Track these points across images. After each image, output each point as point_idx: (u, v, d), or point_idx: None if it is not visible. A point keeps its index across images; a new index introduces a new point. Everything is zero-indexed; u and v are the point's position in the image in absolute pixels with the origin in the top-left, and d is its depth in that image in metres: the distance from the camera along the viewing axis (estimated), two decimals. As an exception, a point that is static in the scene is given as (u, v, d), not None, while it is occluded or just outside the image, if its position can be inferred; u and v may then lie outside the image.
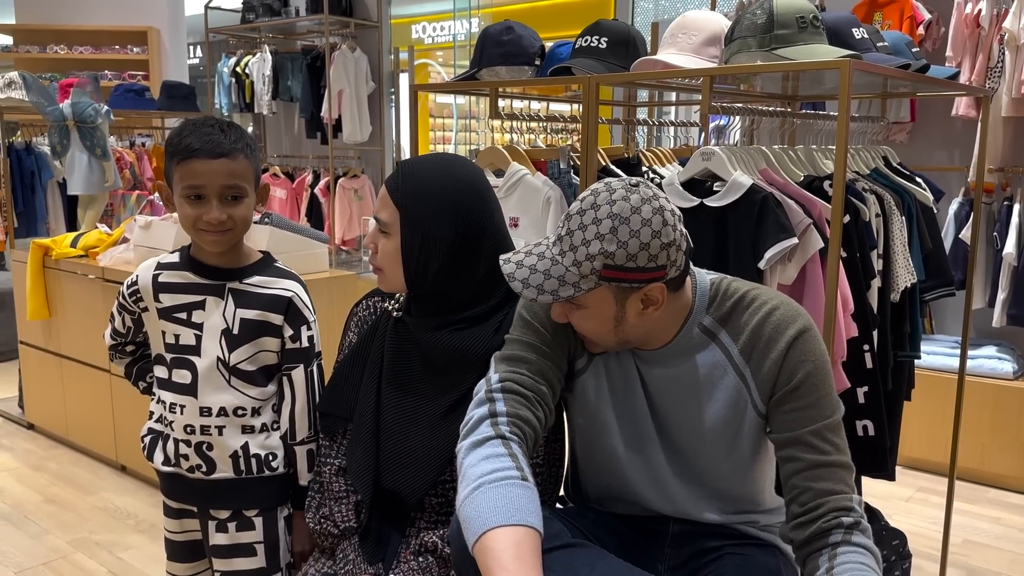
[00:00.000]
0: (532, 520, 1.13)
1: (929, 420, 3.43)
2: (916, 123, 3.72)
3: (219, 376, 1.58)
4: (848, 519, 1.20)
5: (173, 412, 1.60)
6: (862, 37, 1.95)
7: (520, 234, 2.18)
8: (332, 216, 5.52)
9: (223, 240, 1.52)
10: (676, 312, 1.30)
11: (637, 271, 1.19)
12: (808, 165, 2.08)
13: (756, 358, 1.28)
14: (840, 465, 1.24)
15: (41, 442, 3.92)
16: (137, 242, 3.34)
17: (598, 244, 1.18)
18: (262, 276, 1.60)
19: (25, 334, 3.94)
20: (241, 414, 1.59)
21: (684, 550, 1.40)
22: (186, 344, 1.59)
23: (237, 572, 1.61)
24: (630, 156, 2.33)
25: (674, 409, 1.35)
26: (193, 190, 1.48)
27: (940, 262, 2.29)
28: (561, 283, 1.22)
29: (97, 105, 3.98)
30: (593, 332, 1.29)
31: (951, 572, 2.69)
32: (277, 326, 1.59)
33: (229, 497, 1.61)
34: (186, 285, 1.59)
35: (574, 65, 2.06)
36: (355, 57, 5.53)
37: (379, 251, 1.44)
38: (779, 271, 1.77)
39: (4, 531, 2.98)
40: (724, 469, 1.36)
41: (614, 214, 1.18)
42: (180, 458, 1.62)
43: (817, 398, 1.25)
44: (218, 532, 1.62)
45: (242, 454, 1.59)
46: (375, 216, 1.44)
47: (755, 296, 1.31)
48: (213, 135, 1.46)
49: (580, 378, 1.39)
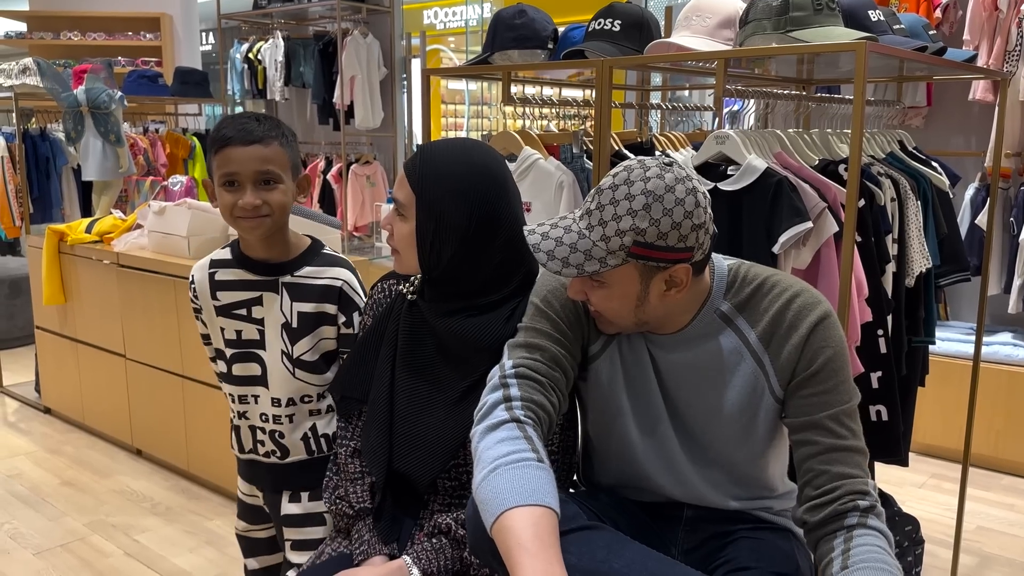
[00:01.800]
0: (550, 501, 1.13)
1: (943, 407, 3.42)
2: (932, 107, 3.69)
3: (284, 369, 1.64)
4: (864, 502, 1.20)
5: (245, 403, 1.68)
6: (878, 19, 1.93)
7: (532, 218, 2.17)
8: (344, 202, 5.53)
9: (260, 226, 1.55)
10: (694, 296, 1.30)
11: (666, 250, 1.19)
12: (823, 149, 2.06)
13: (776, 343, 1.28)
14: (856, 450, 1.23)
15: (57, 426, 3.96)
16: (151, 228, 3.35)
17: (629, 220, 1.17)
18: (312, 266, 1.64)
19: (41, 319, 3.97)
20: (308, 401, 1.66)
21: (698, 534, 1.40)
22: (250, 339, 1.65)
23: (309, 540, 1.67)
24: (643, 140, 2.32)
25: (688, 395, 1.35)
26: (228, 176, 1.52)
27: (955, 247, 2.27)
28: (587, 258, 1.20)
29: (111, 91, 3.99)
30: (612, 311, 1.28)
31: (964, 559, 2.68)
32: (332, 315, 1.64)
33: (302, 476, 1.68)
34: (241, 282, 1.65)
35: (587, 48, 2.05)
36: (367, 43, 5.51)
37: (395, 233, 1.45)
38: (793, 255, 1.76)
39: (22, 513, 3.02)
40: (739, 455, 1.36)
41: (648, 191, 1.17)
42: (257, 444, 1.69)
43: (836, 383, 1.25)
44: (291, 503, 1.68)
45: (311, 435, 1.67)
46: (392, 197, 1.44)
47: (775, 282, 1.30)
48: (247, 124, 1.51)
49: (594, 364, 1.39)
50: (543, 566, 1.05)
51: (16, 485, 3.26)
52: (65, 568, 2.63)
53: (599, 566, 1.15)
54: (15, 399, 4.34)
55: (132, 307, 3.38)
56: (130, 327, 3.42)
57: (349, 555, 1.45)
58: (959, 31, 3.49)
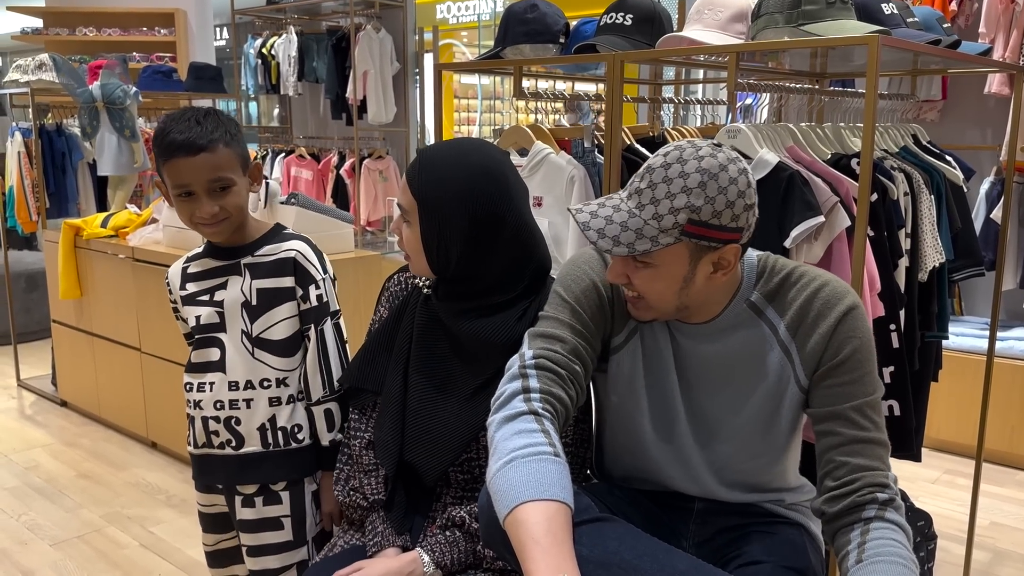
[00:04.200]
0: (564, 496, 1.13)
1: (957, 402, 3.40)
2: (947, 101, 3.66)
3: (244, 349, 1.63)
4: (883, 495, 1.20)
5: (202, 391, 1.66)
6: (891, 13, 1.92)
7: (544, 213, 2.18)
8: (357, 197, 5.54)
9: (221, 230, 1.58)
10: (728, 285, 1.30)
11: (719, 229, 1.19)
12: (836, 143, 2.05)
13: (803, 333, 1.28)
14: (878, 442, 1.23)
15: (74, 419, 3.99)
16: (166, 222, 3.38)
17: (684, 198, 1.17)
18: (271, 244, 1.65)
19: (57, 313, 4.01)
20: (267, 385, 1.63)
21: (709, 527, 1.40)
22: (209, 323, 1.64)
23: (264, 546, 1.64)
24: (655, 135, 2.32)
25: (711, 389, 1.35)
26: (181, 188, 1.53)
27: (969, 242, 2.26)
28: (638, 236, 1.20)
29: (126, 86, 4.01)
30: (656, 294, 1.26)
31: (977, 554, 2.67)
32: (289, 288, 1.63)
33: (257, 470, 1.64)
34: (209, 271, 1.65)
35: (599, 42, 2.05)
36: (380, 38, 5.52)
37: (403, 238, 1.45)
38: (805, 250, 1.76)
39: (39, 505, 3.05)
40: (759, 448, 1.36)
41: (703, 169, 1.18)
42: (211, 435, 1.66)
43: (861, 375, 1.25)
44: (244, 507, 1.65)
45: (269, 427, 1.63)
46: (398, 204, 1.45)
47: (803, 273, 1.31)
48: (192, 130, 1.49)
49: (616, 355, 1.39)
50: (555, 562, 1.06)
51: (33, 477, 3.30)
52: (81, 559, 2.66)
53: (611, 557, 1.16)
54: (32, 392, 4.38)
55: (147, 301, 3.41)
56: (145, 321, 3.45)
57: (362, 547, 1.46)
58: (975, 24, 3.46)
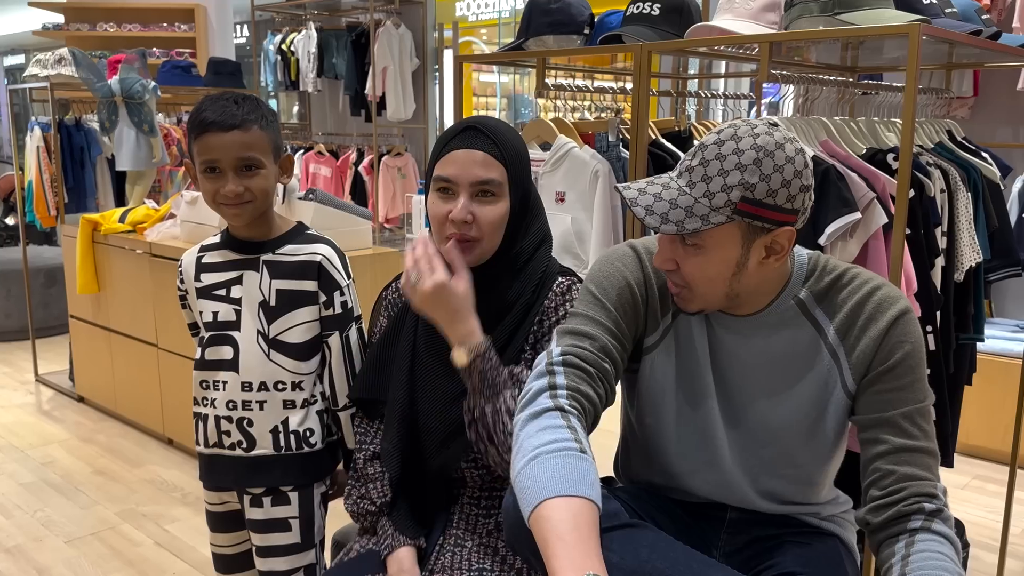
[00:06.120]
0: (590, 492, 1.08)
1: (988, 406, 3.32)
2: (979, 97, 3.58)
3: (259, 350, 1.58)
4: (931, 505, 1.15)
5: (216, 389, 1.61)
6: (930, 2, 1.86)
7: (567, 209, 2.12)
8: (376, 194, 5.52)
9: (243, 212, 1.53)
10: (779, 275, 1.25)
11: (774, 209, 1.14)
12: (870, 137, 1.99)
13: (854, 336, 1.23)
14: (927, 452, 1.18)
15: (91, 415, 3.98)
16: (184, 217, 3.36)
17: (738, 175, 1.13)
18: (293, 244, 1.60)
19: (75, 308, 4.00)
20: (281, 388, 1.59)
21: (741, 536, 1.35)
22: (226, 320, 1.60)
23: (272, 547, 1.61)
24: (681, 129, 2.27)
25: (750, 388, 1.29)
26: (208, 163, 1.49)
27: (1007, 241, 2.19)
28: (688, 214, 1.15)
29: (144, 81, 4.00)
30: (706, 281, 1.22)
31: (1010, 563, 2.60)
32: (312, 292, 1.58)
33: (267, 473, 1.61)
34: (225, 263, 1.61)
35: (625, 33, 1.99)
36: (399, 34, 5.49)
37: (480, 219, 1.36)
38: (840, 247, 1.70)
39: (55, 501, 3.04)
40: (800, 456, 1.30)
41: (758, 146, 1.13)
42: (222, 435, 1.61)
43: (911, 380, 1.20)
44: (253, 507, 1.62)
45: (282, 430, 1.60)
46: (476, 183, 1.35)
47: (855, 274, 1.26)
48: (227, 108, 1.47)
49: (648, 356, 1.34)
50: (580, 557, 1.00)
51: (49, 473, 3.29)
52: (96, 556, 2.64)
53: (642, 565, 1.11)
54: (50, 387, 4.38)
55: (165, 297, 3.38)
56: (162, 317, 3.43)
57: (377, 552, 1.43)
58: (1008, 19, 3.38)
